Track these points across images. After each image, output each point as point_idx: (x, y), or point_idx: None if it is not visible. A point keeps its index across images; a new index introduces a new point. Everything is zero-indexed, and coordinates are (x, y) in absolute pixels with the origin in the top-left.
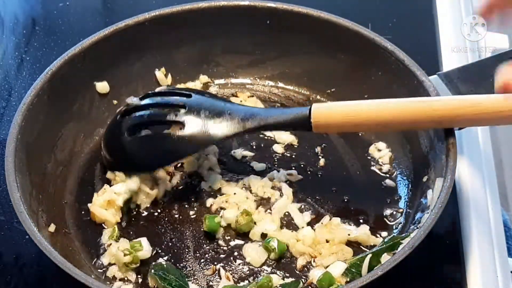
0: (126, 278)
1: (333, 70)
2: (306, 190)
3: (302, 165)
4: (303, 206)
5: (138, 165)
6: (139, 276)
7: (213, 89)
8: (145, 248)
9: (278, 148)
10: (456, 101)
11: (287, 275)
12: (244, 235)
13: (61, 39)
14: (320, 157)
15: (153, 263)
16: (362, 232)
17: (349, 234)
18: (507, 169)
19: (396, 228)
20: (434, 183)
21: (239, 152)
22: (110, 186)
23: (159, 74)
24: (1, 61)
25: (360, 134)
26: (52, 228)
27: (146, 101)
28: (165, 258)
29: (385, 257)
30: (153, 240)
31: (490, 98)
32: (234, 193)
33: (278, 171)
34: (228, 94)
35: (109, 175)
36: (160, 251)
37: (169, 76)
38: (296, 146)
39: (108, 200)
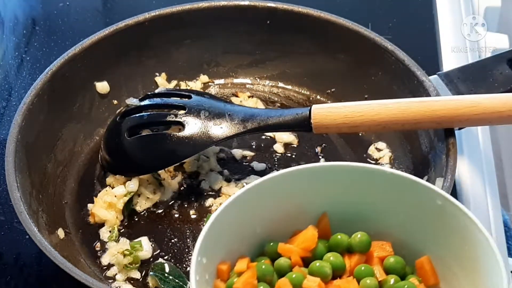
0: (126, 278)
1: (333, 70)
2: None
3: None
4: None
5: (138, 167)
6: (139, 276)
7: (213, 89)
8: (145, 248)
9: (278, 148)
10: (456, 101)
11: None
12: None
13: (61, 39)
14: (320, 157)
15: (153, 263)
16: None
17: None
18: (507, 169)
19: None
20: (434, 183)
21: (239, 152)
22: (112, 188)
23: (160, 79)
24: (1, 61)
25: (360, 134)
26: (61, 234)
27: (146, 102)
28: (165, 258)
29: None
30: (153, 240)
31: (490, 98)
32: (234, 193)
33: (278, 171)
34: (228, 94)
35: (109, 180)
36: (160, 251)
37: (171, 80)
38: (296, 146)
39: (109, 203)
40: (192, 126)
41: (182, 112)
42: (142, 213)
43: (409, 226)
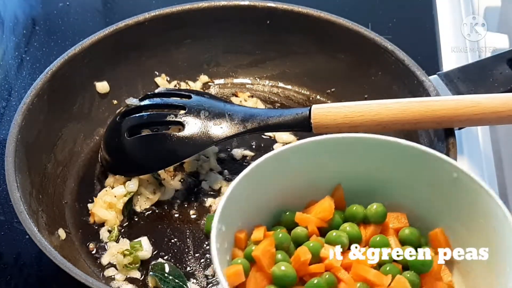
0: (126, 278)
1: (333, 70)
2: None
3: None
4: None
5: (138, 167)
6: (139, 276)
7: (213, 89)
8: (145, 248)
9: (278, 148)
10: (456, 101)
11: None
12: None
13: (61, 39)
14: None
15: (153, 263)
16: None
17: None
18: (507, 169)
19: None
20: None
21: (239, 152)
22: (111, 188)
23: (160, 79)
24: (1, 61)
25: None
26: (62, 234)
27: (146, 102)
28: (165, 258)
29: None
30: (153, 240)
31: (490, 98)
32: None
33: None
34: (228, 94)
35: (108, 181)
36: (160, 251)
37: (171, 80)
38: None
39: (109, 203)
40: (192, 126)
41: (182, 112)
42: (142, 213)
43: (424, 198)
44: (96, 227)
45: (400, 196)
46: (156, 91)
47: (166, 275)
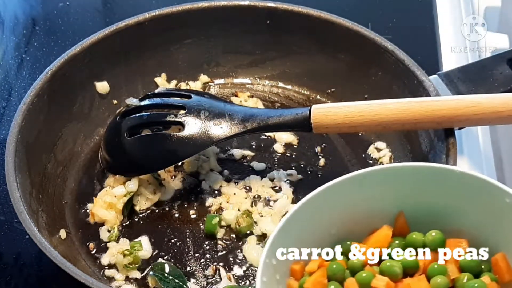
0: (126, 278)
1: (333, 70)
2: (306, 190)
3: (302, 165)
4: None
5: (138, 167)
6: (139, 276)
7: (213, 89)
8: (145, 248)
9: (278, 148)
10: (456, 101)
11: None
12: (245, 235)
13: (61, 39)
14: (320, 157)
15: (153, 263)
16: None
17: None
18: (507, 169)
19: None
20: None
21: (239, 152)
22: (111, 188)
23: (160, 79)
24: (1, 61)
25: (360, 134)
26: (63, 234)
27: (146, 102)
28: (165, 258)
29: None
30: (153, 240)
31: (490, 98)
32: (234, 193)
33: (278, 171)
34: (228, 94)
35: (108, 182)
36: (160, 251)
37: (171, 80)
38: (296, 146)
39: (109, 203)
40: (192, 126)
41: (182, 112)
42: (142, 213)
43: (482, 224)
44: (96, 227)
45: (459, 222)
46: (156, 91)
47: (166, 275)
